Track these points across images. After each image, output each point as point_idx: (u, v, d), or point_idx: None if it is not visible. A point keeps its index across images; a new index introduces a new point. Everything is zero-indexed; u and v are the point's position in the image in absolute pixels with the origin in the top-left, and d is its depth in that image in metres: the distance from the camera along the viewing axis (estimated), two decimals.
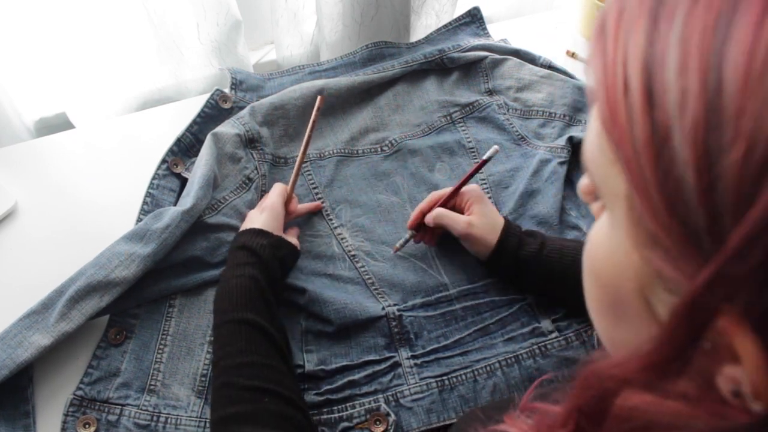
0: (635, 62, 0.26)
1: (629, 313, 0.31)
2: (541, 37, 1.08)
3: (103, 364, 0.72)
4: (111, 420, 0.69)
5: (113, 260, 0.73)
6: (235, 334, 0.65)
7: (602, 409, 0.31)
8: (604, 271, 0.33)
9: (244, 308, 0.66)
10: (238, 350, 0.63)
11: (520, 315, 0.76)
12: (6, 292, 0.77)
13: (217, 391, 0.62)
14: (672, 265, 0.26)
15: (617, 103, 0.27)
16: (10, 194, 0.84)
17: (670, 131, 0.24)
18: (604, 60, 0.28)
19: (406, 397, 0.70)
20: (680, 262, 0.26)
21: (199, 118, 0.90)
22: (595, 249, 0.34)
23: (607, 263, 0.32)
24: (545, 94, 0.95)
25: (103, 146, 0.91)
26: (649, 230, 0.27)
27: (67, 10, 0.87)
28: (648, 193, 0.26)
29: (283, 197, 0.80)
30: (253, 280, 0.69)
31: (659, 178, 0.25)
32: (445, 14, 1.09)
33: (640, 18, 0.26)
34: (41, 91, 0.98)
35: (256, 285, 0.69)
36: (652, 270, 0.28)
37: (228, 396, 0.60)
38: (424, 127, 0.94)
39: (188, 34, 0.96)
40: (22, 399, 0.69)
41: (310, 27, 1.06)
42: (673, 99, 0.24)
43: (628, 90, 0.26)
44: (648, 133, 0.25)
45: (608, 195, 0.30)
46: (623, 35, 0.27)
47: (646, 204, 0.26)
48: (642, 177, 0.26)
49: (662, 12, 0.26)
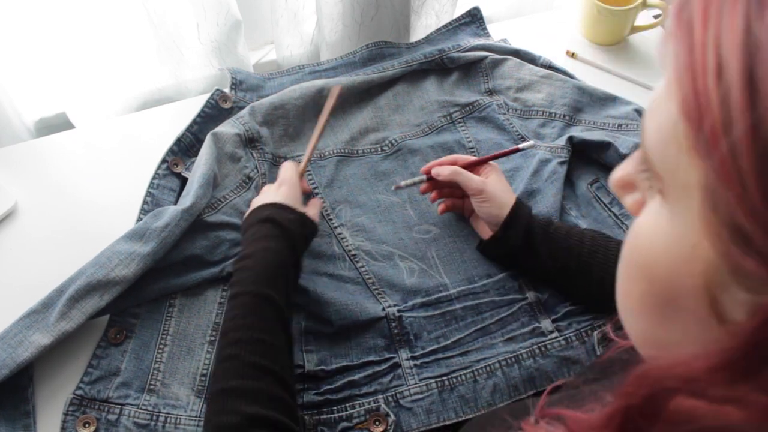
0: (733, 46, 0.24)
1: (683, 312, 0.29)
2: (541, 37, 1.08)
3: (103, 363, 0.72)
4: (111, 419, 0.69)
5: (113, 259, 0.73)
6: (251, 307, 0.64)
7: (655, 411, 0.29)
8: (659, 265, 0.30)
9: (265, 283, 0.66)
10: (250, 324, 0.63)
11: (520, 315, 0.76)
12: (6, 292, 0.77)
13: (223, 362, 0.62)
14: (761, 263, 0.24)
15: (707, 89, 0.25)
16: (10, 194, 0.84)
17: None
18: (690, 39, 0.26)
19: (406, 398, 0.70)
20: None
21: (199, 117, 0.90)
22: (647, 242, 0.31)
23: (664, 257, 0.30)
24: (545, 94, 0.95)
25: (103, 146, 0.91)
26: (734, 223, 0.25)
27: (68, 10, 0.87)
28: (743, 186, 0.24)
29: (299, 173, 0.79)
30: (278, 256, 0.68)
31: (759, 169, 0.23)
32: (445, 14, 1.09)
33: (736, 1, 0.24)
34: (41, 91, 0.98)
35: (279, 260, 0.68)
36: (730, 266, 0.26)
37: (233, 369, 0.60)
38: (424, 126, 0.94)
39: (188, 34, 0.96)
40: (22, 399, 0.69)
41: (310, 27, 1.06)
42: None
43: (722, 75, 0.24)
44: (748, 123, 0.23)
45: (676, 185, 0.28)
46: (715, 16, 0.25)
47: (738, 197, 0.24)
48: (737, 169, 0.24)
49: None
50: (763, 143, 0.23)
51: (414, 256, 0.81)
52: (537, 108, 0.95)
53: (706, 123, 0.25)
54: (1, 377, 0.66)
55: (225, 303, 0.76)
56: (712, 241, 0.26)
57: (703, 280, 0.27)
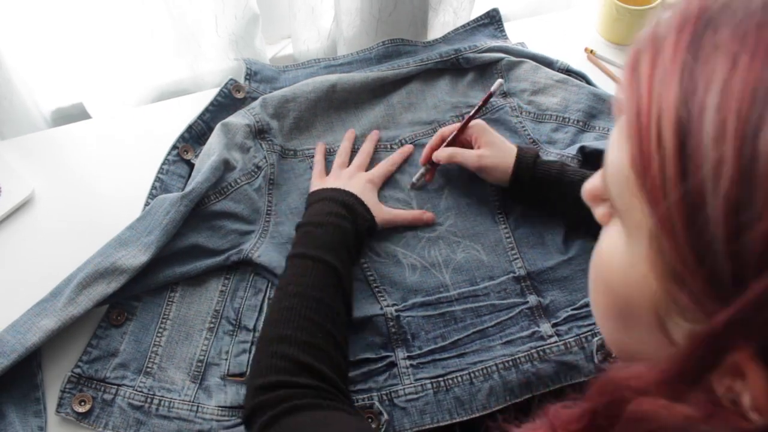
0: (669, 119, 0.27)
1: (639, 325, 0.33)
2: (558, 36, 1.07)
3: (103, 343, 0.73)
4: (106, 399, 0.70)
5: (120, 249, 0.74)
6: (312, 269, 0.68)
7: (616, 413, 0.32)
8: (616, 283, 0.34)
9: (329, 252, 0.70)
10: (311, 284, 0.67)
11: (520, 319, 0.75)
12: (22, 277, 0.79)
13: (281, 312, 0.65)
14: (692, 301, 0.28)
15: (650, 154, 0.28)
16: (28, 182, 0.86)
17: (703, 199, 0.26)
18: (637, 103, 0.29)
19: (401, 397, 0.70)
20: (702, 300, 0.28)
21: (211, 106, 0.91)
22: (606, 259, 0.35)
23: (620, 277, 0.33)
24: (560, 99, 0.94)
25: (119, 137, 0.93)
26: (672, 267, 0.28)
27: (87, 1, 0.88)
28: (677, 242, 0.27)
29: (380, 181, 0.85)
30: (344, 233, 0.73)
31: (690, 235, 0.27)
32: (463, 11, 1.08)
33: (674, 71, 0.27)
34: (59, 82, 1.00)
35: (344, 237, 0.72)
36: (670, 298, 0.30)
37: (291, 319, 0.64)
38: (435, 125, 0.93)
39: (206, 27, 0.97)
40: (32, 386, 0.70)
41: (328, 22, 1.06)
42: (708, 168, 0.25)
43: (661, 146, 0.27)
44: (680, 196, 0.27)
45: (629, 221, 0.32)
46: (658, 84, 0.28)
47: (674, 249, 0.28)
48: (672, 229, 0.27)
49: (699, 72, 0.26)
50: (692, 215, 0.26)
51: (417, 254, 0.81)
52: (551, 112, 0.94)
53: (648, 183, 0.28)
54: (10, 361, 0.67)
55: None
56: (656, 277, 0.30)
57: (651, 304, 0.31)
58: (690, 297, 0.28)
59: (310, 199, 0.79)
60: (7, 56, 0.89)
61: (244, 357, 0.73)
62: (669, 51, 0.28)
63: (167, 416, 0.70)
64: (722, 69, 0.26)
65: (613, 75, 1.03)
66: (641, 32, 0.31)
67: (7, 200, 0.84)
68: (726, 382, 0.28)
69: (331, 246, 0.70)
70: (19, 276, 0.79)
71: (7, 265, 0.80)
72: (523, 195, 0.81)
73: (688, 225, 0.27)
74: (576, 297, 0.77)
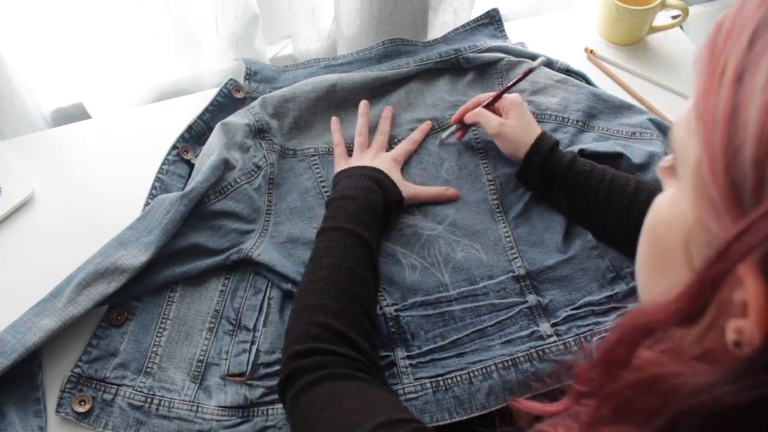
0: (736, 55, 0.31)
1: (673, 266, 0.36)
2: (558, 36, 1.07)
3: (103, 343, 0.73)
4: (106, 399, 0.70)
5: (120, 249, 0.74)
6: (345, 240, 0.71)
7: (631, 347, 0.36)
8: (660, 227, 0.38)
9: (361, 225, 0.72)
10: (344, 255, 0.69)
11: (519, 318, 0.75)
12: (22, 277, 0.79)
13: (314, 282, 0.67)
14: (716, 220, 0.31)
15: (712, 84, 0.32)
16: (28, 182, 0.86)
17: (747, 104, 0.29)
18: (712, 53, 0.33)
19: (400, 397, 0.70)
20: (723, 218, 0.31)
21: (211, 106, 0.91)
22: (657, 211, 0.39)
23: (664, 221, 0.38)
24: (559, 99, 0.94)
25: (119, 137, 0.93)
26: (708, 191, 0.31)
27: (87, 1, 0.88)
28: (714, 156, 0.31)
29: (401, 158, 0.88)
30: (374, 206, 0.76)
31: (726, 141, 0.30)
32: (463, 11, 1.08)
33: (749, 24, 0.32)
34: (59, 82, 1.00)
35: (375, 210, 0.75)
36: (701, 226, 0.33)
37: (326, 289, 0.66)
38: (434, 124, 0.93)
39: (206, 27, 0.97)
40: (32, 386, 0.70)
41: (328, 22, 1.06)
42: (759, 82, 0.29)
43: (723, 74, 0.31)
44: (728, 103, 0.30)
45: (682, 162, 0.35)
46: (735, 35, 0.32)
47: (711, 166, 0.31)
48: (713, 142, 0.31)
49: (763, 30, 0.31)
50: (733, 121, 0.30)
51: (416, 254, 0.81)
52: (550, 112, 0.94)
53: (704, 109, 0.32)
54: (11, 362, 0.67)
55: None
56: (692, 206, 0.34)
57: (684, 237, 0.35)
58: (716, 217, 0.31)
59: (338, 177, 0.82)
60: (7, 56, 0.89)
61: (244, 357, 0.73)
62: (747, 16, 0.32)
63: (167, 416, 0.70)
64: None
65: (613, 75, 1.03)
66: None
67: (7, 200, 0.84)
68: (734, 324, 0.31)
69: (362, 219, 0.73)
70: (19, 276, 0.79)
71: (7, 265, 0.80)
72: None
73: (727, 130, 0.30)
74: (575, 296, 0.77)
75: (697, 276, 0.31)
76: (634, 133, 0.90)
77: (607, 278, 0.78)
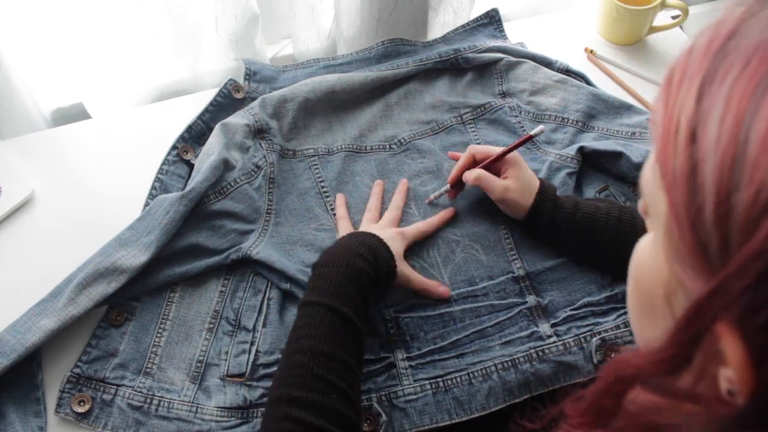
0: (687, 111, 0.32)
1: (658, 315, 0.37)
2: (558, 36, 1.07)
3: (102, 343, 0.73)
4: (105, 399, 0.70)
5: (119, 249, 0.74)
6: (323, 319, 0.64)
7: (618, 396, 0.37)
8: (643, 277, 0.39)
9: (340, 297, 0.66)
10: (323, 336, 0.63)
11: (519, 319, 0.76)
12: (22, 277, 0.79)
13: (290, 369, 0.62)
14: (690, 277, 0.32)
15: (669, 141, 0.33)
16: (28, 182, 0.86)
17: (703, 164, 0.30)
18: (666, 107, 0.34)
19: (400, 398, 0.70)
20: (696, 275, 0.31)
21: (211, 106, 0.91)
22: (639, 259, 0.40)
23: (646, 271, 0.39)
24: (559, 99, 0.94)
25: (119, 137, 0.93)
26: (678, 247, 0.32)
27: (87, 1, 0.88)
28: (679, 215, 0.31)
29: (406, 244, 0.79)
30: (359, 274, 0.68)
31: (688, 201, 0.31)
32: (463, 11, 1.08)
33: (696, 76, 0.32)
34: (59, 82, 1.00)
35: (359, 278, 0.68)
36: (677, 280, 0.34)
37: (300, 377, 0.61)
38: (434, 125, 0.93)
39: (206, 27, 0.97)
40: (32, 386, 0.70)
41: (328, 22, 1.06)
42: (711, 141, 0.30)
43: (678, 131, 0.32)
44: (685, 163, 0.31)
45: (653, 215, 0.36)
46: (684, 88, 0.33)
47: (677, 224, 0.32)
48: (676, 200, 0.31)
49: (716, 75, 0.31)
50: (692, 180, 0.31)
51: (416, 254, 0.81)
52: (550, 112, 0.94)
53: (664, 166, 0.33)
54: (11, 361, 0.67)
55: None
56: (667, 261, 0.34)
57: (665, 290, 0.36)
58: (689, 274, 0.32)
59: (336, 242, 0.75)
60: (7, 56, 0.89)
61: (244, 357, 0.73)
62: (695, 63, 0.33)
63: (166, 417, 0.70)
64: (735, 69, 0.30)
65: (613, 75, 1.02)
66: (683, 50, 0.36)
67: (7, 200, 0.84)
68: (724, 373, 0.31)
69: (345, 290, 0.66)
70: (19, 276, 0.79)
71: (7, 265, 0.80)
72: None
73: (687, 188, 0.31)
74: (575, 297, 0.77)
75: (677, 329, 0.31)
76: (633, 134, 0.90)
77: (606, 279, 0.78)
